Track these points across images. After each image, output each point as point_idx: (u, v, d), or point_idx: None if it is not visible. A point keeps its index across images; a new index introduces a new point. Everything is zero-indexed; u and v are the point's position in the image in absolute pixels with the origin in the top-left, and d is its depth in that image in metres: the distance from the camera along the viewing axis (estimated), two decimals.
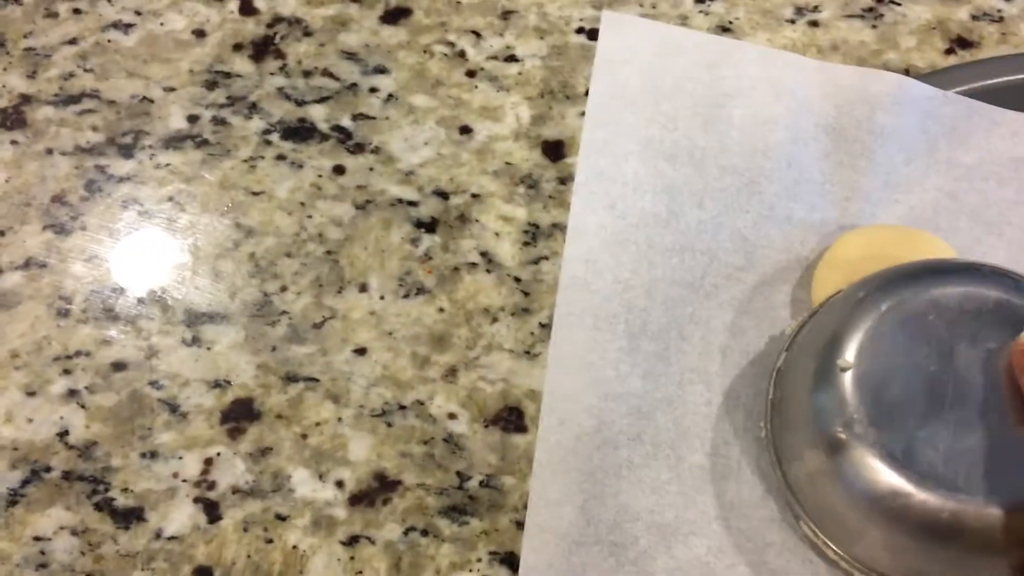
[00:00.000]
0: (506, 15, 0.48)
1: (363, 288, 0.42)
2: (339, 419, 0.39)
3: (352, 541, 0.37)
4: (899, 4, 0.48)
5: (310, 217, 0.43)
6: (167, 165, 0.44)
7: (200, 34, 0.47)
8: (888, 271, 0.36)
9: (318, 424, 0.39)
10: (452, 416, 0.39)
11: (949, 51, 0.47)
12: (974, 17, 0.48)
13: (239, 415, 0.39)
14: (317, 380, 0.40)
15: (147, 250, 0.42)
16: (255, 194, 0.43)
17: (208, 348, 0.40)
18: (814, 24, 0.48)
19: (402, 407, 0.39)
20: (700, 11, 0.48)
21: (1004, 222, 0.42)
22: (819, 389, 0.34)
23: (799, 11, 0.48)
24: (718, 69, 0.43)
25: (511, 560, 0.37)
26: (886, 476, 0.31)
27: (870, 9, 0.48)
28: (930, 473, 0.31)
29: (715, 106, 0.43)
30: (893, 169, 0.42)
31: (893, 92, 0.43)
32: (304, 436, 0.39)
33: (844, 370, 0.33)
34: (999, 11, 0.48)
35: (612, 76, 0.43)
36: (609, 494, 0.36)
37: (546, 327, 0.41)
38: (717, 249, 0.40)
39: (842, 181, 0.42)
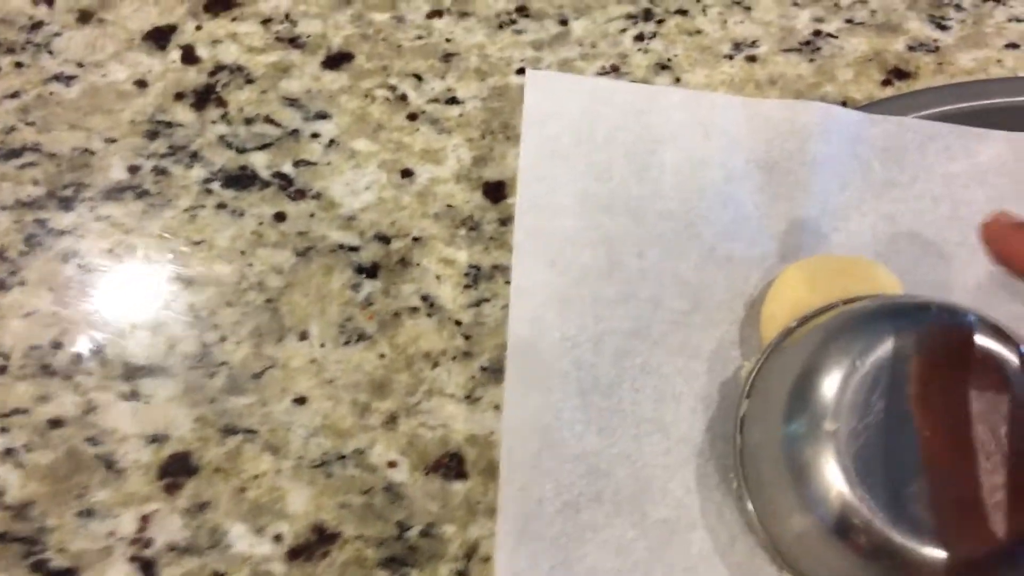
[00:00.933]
0: (447, 58, 0.48)
1: (303, 336, 0.41)
2: (278, 471, 0.39)
3: None
4: (836, 37, 0.48)
5: (251, 266, 0.43)
6: (107, 217, 0.44)
7: (142, 84, 0.47)
8: (843, 316, 0.36)
9: (256, 477, 0.38)
10: (392, 464, 0.39)
11: (886, 82, 0.47)
12: (910, 48, 0.48)
13: (176, 470, 0.39)
14: (256, 432, 0.39)
15: (86, 304, 0.42)
16: (196, 244, 0.43)
17: (146, 402, 0.40)
18: (752, 59, 0.48)
19: (341, 457, 0.39)
20: (639, 49, 0.48)
21: (942, 240, 0.42)
22: (804, 452, 0.33)
23: (736, 47, 0.48)
24: (646, 116, 0.43)
25: None
26: (885, 536, 0.31)
27: (807, 43, 0.48)
28: (924, 529, 0.30)
29: (647, 153, 0.43)
30: (829, 197, 0.42)
31: (821, 121, 0.43)
32: (242, 490, 0.38)
33: (830, 432, 0.32)
34: (935, 41, 0.49)
35: (542, 132, 0.43)
36: (575, 559, 0.36)
37: (487, 371, 0.41)
38: (662, 295, 0.40)
39: (779, 214, 0.42)
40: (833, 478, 0.31)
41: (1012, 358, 0.33)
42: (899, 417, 0.32)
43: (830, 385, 0.33)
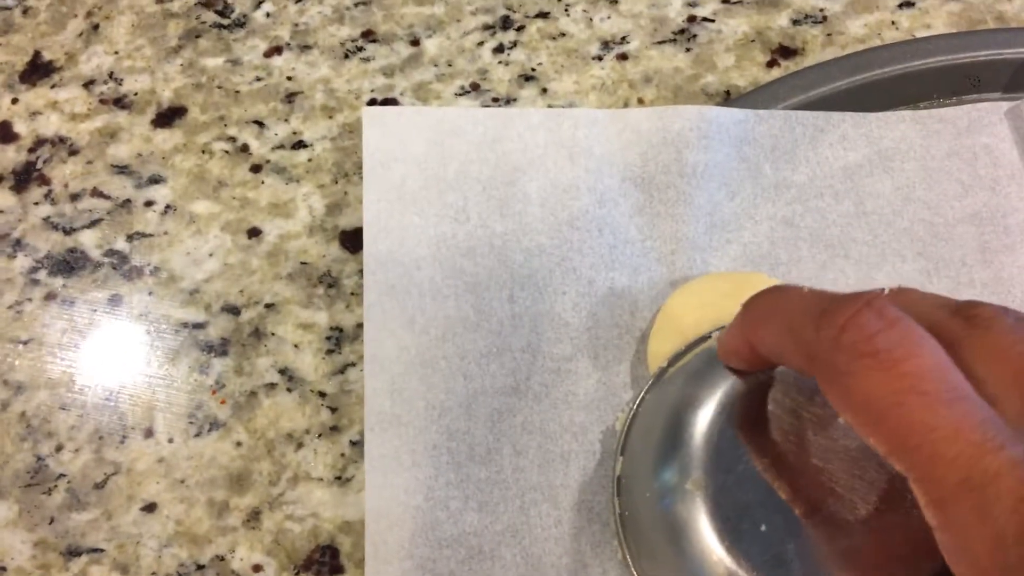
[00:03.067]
0: (290, 98, 0.44)
1: (149, 433, 0.37)
2: None
3: None
4: (712, 21, 0.44)
5: (85, 360, 0.38)
6: None
7: None
8: (707, 351, 0.31)
9: None
10: (257, 568, 0.34)
11: (771, 63, 0.43)
12: (795, 22, 0.44)
13: None
14: (102, 550, 0.35)
15: None
16: (23, 343, 0.39)
17: None
18: (623, 57, 0.43)
19: (200, 567, 0.34)
20: (500, 62, 0.44)
21: (848, 240, 0.38)
22: (678, 513, 0.29)
23: (605, 45, 0.44)
24: (502, 144, 0.39)
25: None
26: None
27: (682, 31, 0.44)
28: None
29: (507, 185, 0.38)
30: (716, 208, 0.38)
31: (697, 125, 0.38)
32: None
33: (698, 489, 0.28)
34: (821, 10, 0.44)
35: (385, 176, 0.38)
36: None
37: (358, 445, 0.36)
38: (538, 343, 0.36)
39: (663, 234, 0.38)
40: (708, 541, 0.27)
41: None
42: (778, 455, 0.28)
43: (695, 434, 0.29)
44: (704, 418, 0.29)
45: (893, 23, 0.44)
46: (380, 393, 0.35)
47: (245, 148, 0.42)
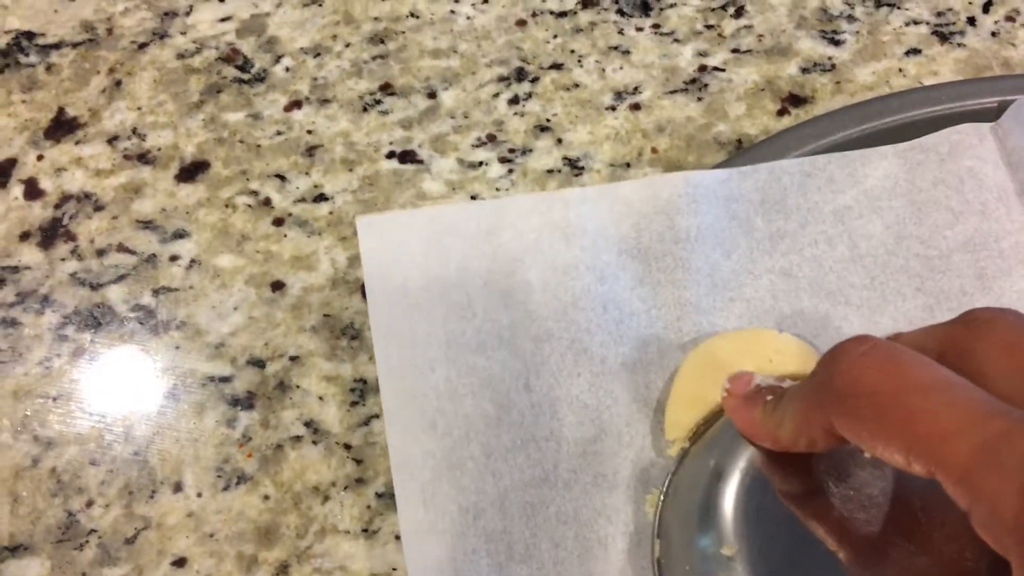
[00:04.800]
0: (311, 151, 0.44)
1: (178, 487, 0.37)
2: None
3: None
4: (723, 70, 0.45)
5: (114, 415, 0.39)
6: None
7: None
8: (721, 427, 0.32)
9: None
10: None
11: (782, 112, 0.44)
12: (804, 70, 0.45)
13: None
14: None
15: None
16: (53, 399, 0.39)
17: None
18: (636, 107, 0.44)
19: None
20: (515, 113, 0.45)
21: (847, 286, 0.39)
22: None
23: (618, 95, 0.45)
24: (497, 235, 0.39)
25: None
26: None
27: (692, 81, 0.45)
28: None
29: (507, 275, 0.39)
30: (715, 269, 0.39)
31: (684, 191, 0.39)
32: None
33: (732, 557, 0.29)
34: (830, 59, 0.45)
35: (387, 282, 0.38)
36: None
37: (383, 496, 0.37)
38: (561, 428, 0.36)
39: (666, 302, 0.38)
40: None
41: None
42: (803, 529, 0.28)
43: (726, 504, 0.29)
44: (732, 488, 0.30)
45: (900, 70, 0.45)
46: (412, 502, 0.35)
47: (267, 202, 0.43)
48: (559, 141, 0.44)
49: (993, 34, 0.46)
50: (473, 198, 0.43)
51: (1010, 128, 0.40)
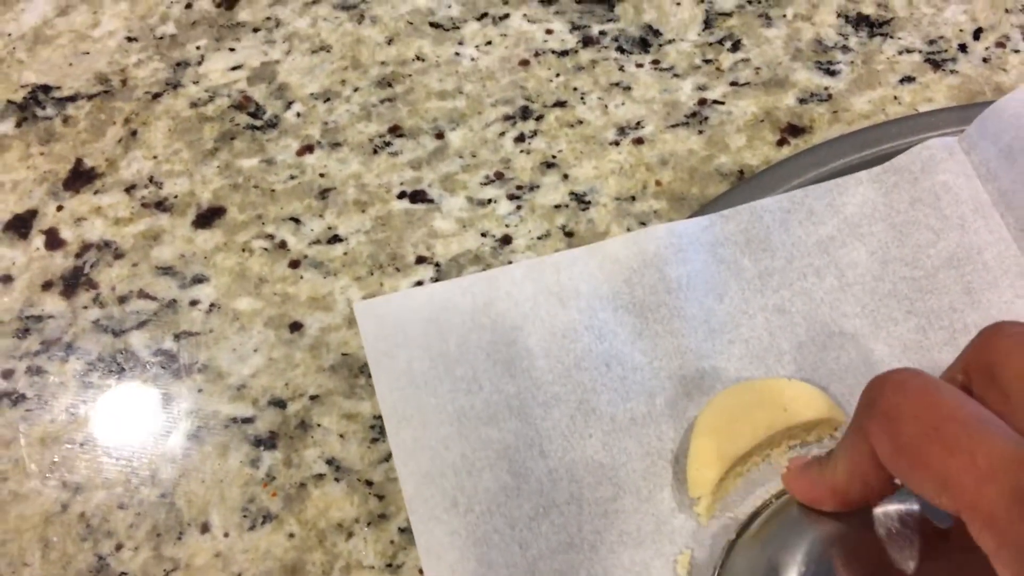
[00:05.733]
0: (324, 194, 0.46)
1: (205, 528, 0.38)
2: None
3: None
4: (722, 103, 0.46)
5: (140, 459, 0.40)
6: None
7: (7, 280, 0.44)
8: (766, 522, 0.33)
9: None
10: None
11: (781, 142, 0.45)
12: (801, 101, 0.46)
13: None
14: None
15: None
16: (80, 445, 0.40)
17: None
18: (639, 142, 0.46)
19: None
20: (521, 151, 0.46)
21: (839, 316, 0.39)
22: None
23: (621, 131, 0.46)
24: (494, 306, 0.40)
25: None
26: None
27: (693, 114, 0.46)
28: None
29: (508, 345, 0.39)
30: (710, 314, 0.40)
31: (670, 241, 0.40)
32: None
33: None
34: (826, 88, 0.46)
35: (392, 365, 0.39)
36: None
37: (405, 531, 0.38)
38: (580, 491, 0.37)
39: (667, 352, 0.39)
40: None
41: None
42: None
43: None
44: None
45: (895, 98, 0.46)
46: None
47: (283, 244, 0.44)
48: (565, 177, 0.45)
49: (984, 60, 0.47)
50: (484, 235, 0.44)
51: (974, 141, 0.41)
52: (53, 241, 0.45)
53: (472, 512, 0.36)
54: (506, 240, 0.44)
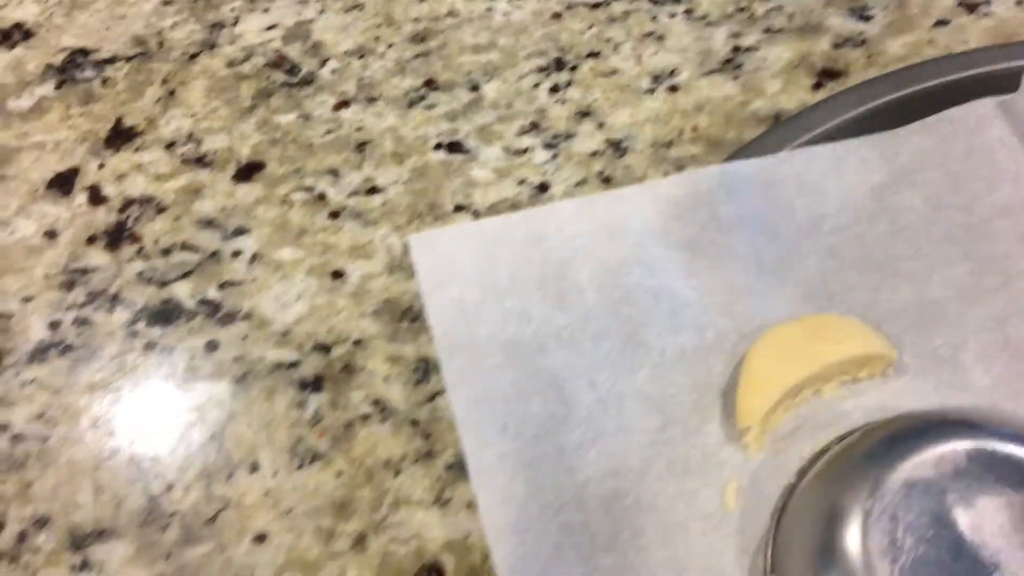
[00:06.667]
0: (361, 147, 0.46)
1: (254, 468, 0.39)
2: None
3: None
4: (757, 49, 0.46)
5: (189, 402, 0.40)
6: (33, 381, 0.42)
7: (51, 235, 0.45)
8: (836, 459, 0.33)
9: None
10: None
11: (817, 86, 0.45)
12: (836, 45, 0.46)
13: None
14: None
15: (22, 476, 0.39)
16: (128, 392, 0.41)
17: (99, 571, 0.37)
18: (674, 89, 0.46)
19: None
20: (556, 101, 0.46)
21: (892, 258, 0.39)
22: None
23: (656, 79, 0.46)
24: (545, 241, 0.40)
25: None
26: None
27: (728, 60, 0.46)
28: None
29: (558, 279, 0.39)
30: (760, 253, 0.40)
31: (722, 181, 0.40)
32: None
33: None
34: (860, 34, 0.47)
35: (444, 297, 0.39)
36: None
37: (453, 468, 0.38)
38: (629, 421, 0.37)
39: (718, 289, 0.39)
40: None
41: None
42: (936, 549, 0.29)
43: (849, 540, 0.30)
44: (854, 524, 0.31)
45: (930, 41, 0.46)
46: (494, 505, 0.35)
47: (322, 196, 0.45)
48: (600, 125, 0.45)
49: (1018, 2, 0.47)
50: (521, 183, 0.44)
51: (1021, 106, 0.41)
52: (96, 197, 0.46)
53: (521, 437, 0.37)
54: (543, 187, 0.44)
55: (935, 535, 0.30)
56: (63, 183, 0.46)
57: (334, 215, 0.44)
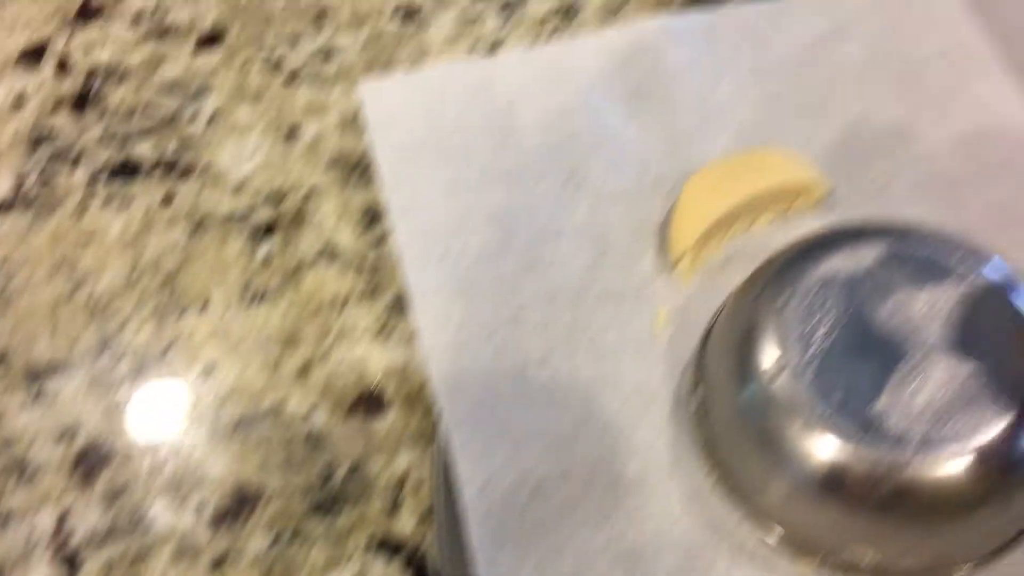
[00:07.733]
0: (320, 16, 0.47)
1: (205, 307, 0.40)
2: (193, 444, 0.37)
3: (218, 563, 0.34)
4: None
5: (144, 250, 0.41)
6: None
7: (19, 102, 0.46)
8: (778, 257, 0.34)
9: (174, 451, 0.37)
10: (310, 413, 0.37)
11: None
12: None
13: (90, 461, 0.37)
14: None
15: None
16: (86, 241, 0.42)
17: (52, 401, 0.38)
18: None
19: (257, 416, 0.37)
20: None
21: (831, 99, 0.40)
22: (763, 408, 0.31)
23: None
24: (492, 87, 0.41)
25: (386, 545, 0.34)
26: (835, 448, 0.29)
27: None
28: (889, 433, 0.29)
29: (502, 121, 0.41)
30: (703, 101, 0.41)
31: (668, 32, 0.41)
32: (159, 466, 0.36)
33: (775, 374, 0.31)
34: None
35: (391, 138, 0.40)
36: (559, 545, 0.32)
37: (395, 306, 0.39)
38: (566, 253, 0.38)
39: (659, 134, 0.40)
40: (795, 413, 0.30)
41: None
42: (848, 338, 0.30)
43: (765, 336, 0.31)
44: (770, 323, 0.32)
45: None
46: (432, 328, 0.36)
47: (280, 62, 0.46)
48: None
49: None
50: (473, 47, 0.45)
51: None
52: (63, 67, 0.47)
53: (460, 265, 0.38)
54: (494, 51, 0.45)
55: (848, 326, 0.31)
56: (33, 55, 0.48)
57: (291, 78, 0.45)
